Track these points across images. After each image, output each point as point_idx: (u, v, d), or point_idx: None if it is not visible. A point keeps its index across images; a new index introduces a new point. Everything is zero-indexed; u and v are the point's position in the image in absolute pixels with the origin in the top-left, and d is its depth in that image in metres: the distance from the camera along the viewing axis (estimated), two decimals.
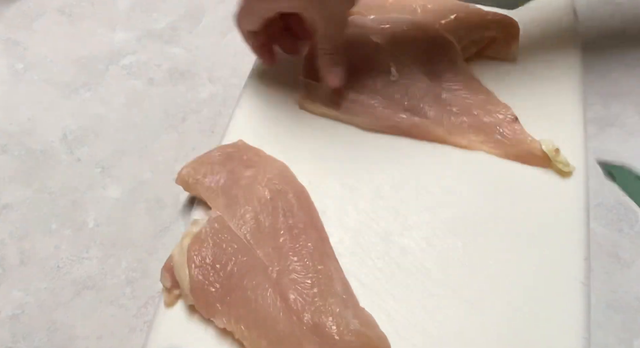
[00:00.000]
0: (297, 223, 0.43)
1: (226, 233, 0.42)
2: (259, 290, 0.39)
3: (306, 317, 0.38)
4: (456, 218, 0.44)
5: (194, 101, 0.56)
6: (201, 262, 0.41)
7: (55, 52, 0.60)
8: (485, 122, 0.47)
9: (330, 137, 0.49)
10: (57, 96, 0.56)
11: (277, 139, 0.49)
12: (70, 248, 0.47)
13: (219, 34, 0.61)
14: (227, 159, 0.46)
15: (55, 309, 0.45)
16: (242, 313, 0.39)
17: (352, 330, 0.37)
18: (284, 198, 0.44)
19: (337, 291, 0.39)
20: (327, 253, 0.42)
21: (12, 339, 0.43)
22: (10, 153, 0.53)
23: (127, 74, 0.58)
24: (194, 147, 0.53)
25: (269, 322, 0.38)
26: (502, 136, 0.46)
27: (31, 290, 0.45)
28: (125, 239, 0.48)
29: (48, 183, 0.51)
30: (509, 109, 0.47)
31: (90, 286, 0.46)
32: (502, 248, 0.43)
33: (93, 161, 0.52)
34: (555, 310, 0.40)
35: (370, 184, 0.46)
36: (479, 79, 0.50)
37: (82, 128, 0.54)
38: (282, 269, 0.40)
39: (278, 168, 0.46)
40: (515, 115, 0.47)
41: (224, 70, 0.58)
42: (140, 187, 0.51)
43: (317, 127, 0.50)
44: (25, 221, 0.49)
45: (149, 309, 0.44)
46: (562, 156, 0.43)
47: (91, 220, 0.49)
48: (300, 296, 0.39)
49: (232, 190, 0.44)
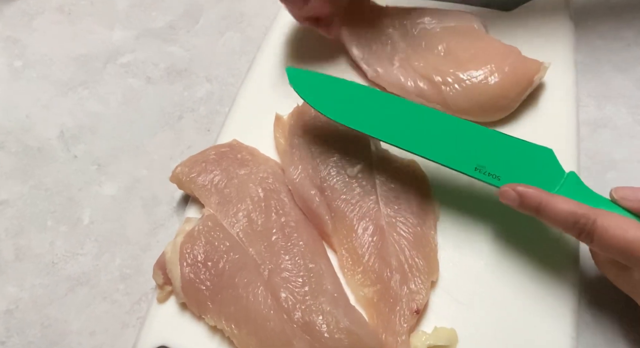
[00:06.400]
0: (289, 222, 0.43)
1: (219, 231, 0.42)
2: (250, 288, 0.40)
3: (297, 315, 0.38)
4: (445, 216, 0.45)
5: (190, 99, 0.56)
6: (193, 260, 0.41)
7: (54, 50, 0.60)
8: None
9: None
10: (55, 94, 0.57)
11: (272, 139, 0.49)
12: (65, 244, 0.48)
13: (216, 33, 0.61)
14: (221, 158, 0.47)
15: (50, 304, 0.45)
16: (232, 311, 0.39)
17: (342, 328, 0.37)
18: (277, 197, 0.44)
19: (328, 289, 0.40)
20: (319, 251, 0.43)
21: (6, 334, 0.44)
22: (8, 150, 0.53)
23: (124, 72, 0.58)
24: (189, 145, 0.53)
25: (259, 320, 0.39)
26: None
27: (26, 285, 0.46)
28: (120, 236, 0.48)
29: (44, 180, 0.51)
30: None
31: (85, 283, 0.46)
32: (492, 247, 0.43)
33: (89, 159, 0.53)
34: (543, 310, 0.40)
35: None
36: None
37: (79, 126, 0.55)
38: (274, 267, 0.41)
39: (272, 167, 0.47)
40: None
41: (221, 69, 0.58)
42: (135, 184, 0.51)
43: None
44: (21, 217, 0.49)
45: (142, 305, 0.45)
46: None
47: (86, 216, 0.49)
48: (291, 295, 0.39)
49: (225, 189, 0.45)
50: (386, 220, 0.43)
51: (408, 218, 0.43)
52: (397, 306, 0.39)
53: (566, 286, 0.41)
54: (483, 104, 0.47)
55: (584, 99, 0.52)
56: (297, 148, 0.46)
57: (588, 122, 0.50)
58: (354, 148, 0.46)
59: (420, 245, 0.42)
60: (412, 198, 0.44)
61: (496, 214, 0.45)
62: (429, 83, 0.49)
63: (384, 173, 0.45)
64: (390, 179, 0.45)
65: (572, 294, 0.41)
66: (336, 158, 0.45)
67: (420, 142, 0.42)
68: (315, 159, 0.45)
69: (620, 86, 0.52)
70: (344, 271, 0.42)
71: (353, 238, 0.42)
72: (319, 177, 0.44)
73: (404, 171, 0.45)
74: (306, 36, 0.56)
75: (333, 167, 0.45)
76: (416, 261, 0.41)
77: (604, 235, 0.34)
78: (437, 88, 0.48)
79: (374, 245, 0.42)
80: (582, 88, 0.52)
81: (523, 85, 0.47)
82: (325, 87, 0.44)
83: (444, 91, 0.48)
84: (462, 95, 0.47)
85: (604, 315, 0.42)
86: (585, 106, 0.51)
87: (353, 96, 0.44)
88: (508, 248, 0.43)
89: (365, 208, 0.43)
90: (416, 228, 0.43)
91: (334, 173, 0.44)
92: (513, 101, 0.47)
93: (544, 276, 0.42)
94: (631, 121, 0.50)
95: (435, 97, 0.48)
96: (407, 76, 0.50)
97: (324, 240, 0.44)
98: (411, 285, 0.40)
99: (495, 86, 0.47)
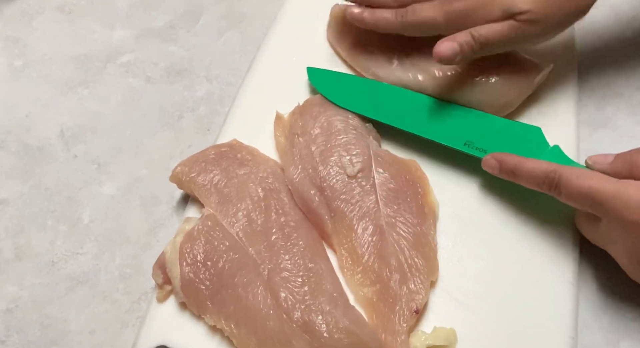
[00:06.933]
0: (288, 222, 0.43)
1: (218, 230, 0.42)
2: (250, 287, 0.40)
3: (296, 315, 0.38)
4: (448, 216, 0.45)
5: (190, 99, 0.56)
6: (192, 260, 0.41)
7: (54, 50, 0.60)
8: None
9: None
10: (55, 93, 0.57)
11: (272, 139, 0.49)
12: (65, 243, 0.48)
13: (216, 33, 0.61)
14: (221, 157, 0.47)
15: (49, 304, 0.45)
16: (232, 311, 0.39)
17: (342, 328, 0.38)
18: (277, 197, 0.44)
19: (328, 289, 0.40)
20: (319, 251, 0.43)
21: (6, 333, 0.44)
22: (8, 149, 0.53)
23: (124, 72, 0.58)
24: (189, 145, 0.53)
25: (259, 319, 0.39)
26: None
27: (25, 284, 0.46)
28: (119, 235, 0.48)
29: (44, 179, 0.51)
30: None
31: (84, 282, 0.46)
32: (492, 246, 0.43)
33: (89, 158, 0.53)
34: (543, 310, 0.40)
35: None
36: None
37: (79, 125, 0.55)
38: (274, 267, 0.41)
39: (271, 167, 0.47)
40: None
41: (221, 69, 0.58)
42: (135, 184, 0.51)
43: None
44: (21, 216, 0.49)
45: (141, 305, 0.45)
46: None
47: (86, 216, 0.49)
48: (290, 294, 0.39)
49: (225, 188, 0.45)
50: (386, 220, 0.43)
51: (408, 218, 0.43)
52: (396, 306, 0.39)
53: (565, 286, 0.41)
54: (483, 103, 0.47)
55: (584, 99, 0.52)
56: (297, 147, 0.46)
57: (588, 123, 0.50)
58: (354, 147, 0.46)
59: (419, 245, 0.42)
60: (411, 198, 0.44)
61: (496, 214, 0.45)
62: (429, 79, 0.49)
63: (383, 173, 0.45)
64: (390, 179, 0.45)
65: (571, 294, 0.41)
66: (336, 158, 0.45)
67: (416, 123, 0.47)
68: (315, 158, 0.45)
69: (620, 86, 0.52)
70: (343, 271, 0.42)
71: (353, 237, 0.42)
72: (319, 177, 0.44)
73: (404, 171, 0.45)
74: (306, 36, 0.56)
75: (333, 167, 0.45)
76: (416, 261, 0.41)
77: (569, 185, 0.38)
78: (437, 84, 0.48)
79: (373, 244, 0.42)
80: (582, 88, 0.52)
81: (523, 86, 0.47)
82: (337, 82, 0.51)
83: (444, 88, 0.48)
84: (463, 93, 0.47)
85: (604, 315, 0.42)
86: (585, 106, 0.51)
87: (360, 88, 0.50)
88: (507, 248, 0.43)
89: (365, 207, 0.43)
90: (416, 228, 0.43)
91: (333, 173, 0.45)
92: (513, 101, 0.47)
93: (543, 276, 0.42)
94: (631, 121, 0.50)
95: (435, 93, 0.49)
96: (408, 73, 0.50)
97: (323, 239, 0.44)
98: (411, 285, 0.40)
99: (495, 86, 0.47)
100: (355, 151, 0.45)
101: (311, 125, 0.47)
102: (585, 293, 0.43)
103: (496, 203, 0.45)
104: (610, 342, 0.41)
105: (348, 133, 0.47)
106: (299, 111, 0.49)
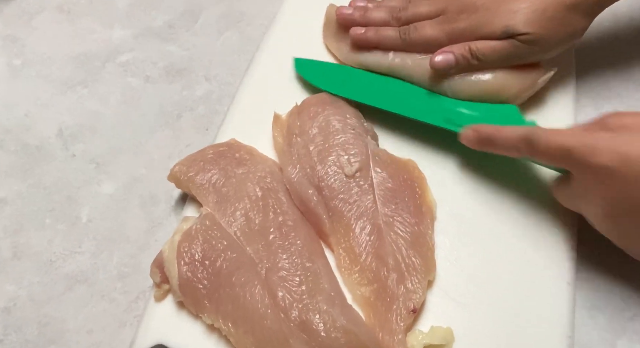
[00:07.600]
0: (286, 221, 0.43)
1: (216, 230, 0.42)
2: (248, 286, 0.40)
3: (293, 314, 0.38)
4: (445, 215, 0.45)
5: (189, 98, 0.56)
6: (190, 259, 0.41)
7: (53, 49, 0.60)
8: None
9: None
10: (54, 93, 0.57)
11: (270, 138, 0.50)
12: (63, 242, 0.48)
13: (216, 32, 0.61)
14: (220, 157, 0.47)
15: (47, 303, 0.45)
16: (230, 310, 0.39)
17: (339, 327, 0.38)
18: (275, 196, 0.44)
19: (325, 288, 0.40)
20: (316, 250, 0.43)
21: (4, 332, 0.44)
22: (7, 148, 0.53)
23: (123, 71, 0.58)
24: (188, 144, 0.53)
25: (256, 318, 0.39)
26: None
27: (24, 283, 0.46)
28: (118, 234, 0.48)
29: (43, 178, 0.51)
30: None
31: (82, 281, 0.46)
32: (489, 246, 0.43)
33: (88, 157, 0.53)
34: (540, 309, 0.40)
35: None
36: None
37: (78, 125, 0.55)
38: (271, 266, 0.41)
39: (270, 166, 0.47)
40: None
41: (220, 68, 0.58)
42: (134, 183, 0.51)
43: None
44: (20, 215, 0.49)
45: (139, 304, 0.45)
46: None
47: (85, 215, 0.49)
48: (288, 294, 0.39)
49: (223, 188, 0.45)
50: (383, 219, 0.43)
51: (405, 217, 0.43)
52: (393, 305, 0.39)
53: (562, 285, 0.41)
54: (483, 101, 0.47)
55: (582, 100, 0.52)
56: (295, 147, 0.46)
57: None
58: (351, 147, 0.46)
59: (417, 244, 0.42)
60: (409, 198, 0.44)
61: (494, 214, 0.45)
62: (425, 72, 0.49)
63: (381, 172, 0.45)
64: (387, 178, 0.45)
65: (568, 293, 0.41)
66: (334, 157, 0.45)
67: (402, 105, 0.49)
68: (313, 158, 0.45)
69: (618, 87, 0.52)
70: (341, 270, 0.42)
71: (350, 237, 0.42)
72: (317, 176, 0.44)
73: (402, 171, 0.46)
74: (305, 36, 0.56)
75: (331, 166, 0.45)
76: (413, 260, 0.41)
77: (545, 141, 0.38)
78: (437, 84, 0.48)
79: (371, 244, 0.42)
80: (581, 89, 0.52)
81: (524, 86, 0.47)
82: (325, 71, 0.53)
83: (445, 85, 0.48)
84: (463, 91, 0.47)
85: (601, 314, 0.42)
86: (584, 107, 0.51)
87: (348, 76, 0.52)
88: (505, 248, 0.43)
89: (363, 207, 0.43)
90: (413, 227, 0.43)
91: (331, 173, 0.45)
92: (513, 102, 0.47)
93: (540, 276, 0.42)
94: None
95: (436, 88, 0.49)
96: (404, 70, 0.50)
97: (321, 239, 0.44)
98: (408, 284, 0.40)
99: (495, 85, 0.47)
100: (353, 150, 0.46)
101: (309, 125, 0.47)
102: (582, 292, 0.43)
103: (494, 203, 0.45)
104: (606, 340, 0.41)
105: (346, 132, 0.47)
106: (297, 110, 0.49)
